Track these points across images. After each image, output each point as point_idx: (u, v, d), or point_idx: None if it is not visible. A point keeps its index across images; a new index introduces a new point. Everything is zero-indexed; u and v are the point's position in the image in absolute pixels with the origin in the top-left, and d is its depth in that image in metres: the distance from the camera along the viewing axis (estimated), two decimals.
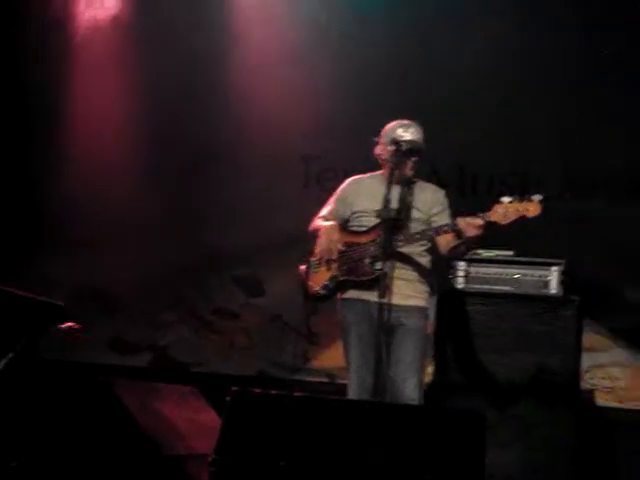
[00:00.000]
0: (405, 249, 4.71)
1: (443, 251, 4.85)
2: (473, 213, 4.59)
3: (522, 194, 4.48)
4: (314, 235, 4.92)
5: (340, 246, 4.80)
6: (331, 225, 4.86)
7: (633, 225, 6.30)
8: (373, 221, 4.74)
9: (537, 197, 4.42)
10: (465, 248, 4.81)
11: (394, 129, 4.84)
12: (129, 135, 7.39)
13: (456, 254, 4.91)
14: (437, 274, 5.10)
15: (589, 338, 5.98)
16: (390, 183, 4.61)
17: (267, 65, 7.07)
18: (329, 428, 3.88)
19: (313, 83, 6.95)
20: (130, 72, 7.42)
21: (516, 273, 5.52)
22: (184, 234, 7.21)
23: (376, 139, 4.91)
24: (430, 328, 5.10)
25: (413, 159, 4.76)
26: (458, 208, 4.88)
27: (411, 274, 4.81)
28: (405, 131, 4.80)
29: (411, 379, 4.69)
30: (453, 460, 3.70)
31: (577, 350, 5.35)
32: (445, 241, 4.78)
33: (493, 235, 4.77)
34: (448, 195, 5.01)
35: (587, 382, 6.19)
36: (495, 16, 6.54)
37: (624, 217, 6.37)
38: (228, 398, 4.05)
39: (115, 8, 7.47)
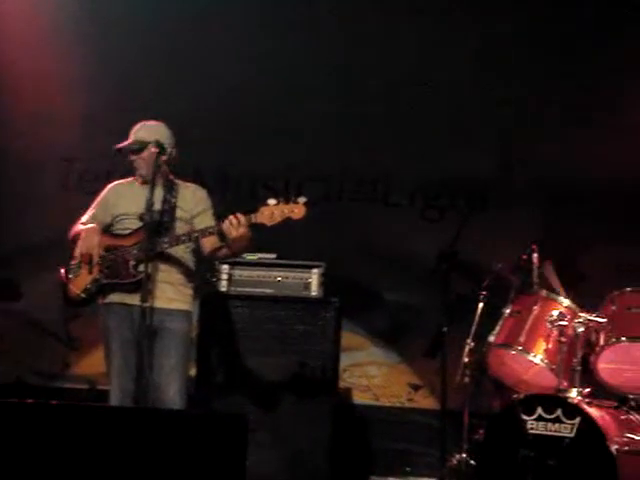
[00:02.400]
0: (169, 251, 4.69)
1: (207, 252, 4.85)
2: (243, 213, 4.63)
3: (287, 197, 4.57)
4: (75, 240, 4.80)
5: (101, 250, 4.72)
6: (91, 227, 4.77)
7: (391, 228, 6.58)
8: (136, 224, 4.68)
9: (302, 199, 4.52)
10: (231, 250, 4.82)
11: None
12: None
13: (221, 256, 4.91)
14: (201, 277, 5.12)
15: (347, 338, 6.18)
16: (153, 184, 4.57)
17: (28, 63, 6.82)
18: (90, 436, 3.78)
19: (76, 84, 6.78)
20: None
21: (278, 276, 5.63)
22: None
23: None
24: (194, 331, 5.10)
25: (133, 157, 4.77)
26: (222, 211, 4.90)
27: (175, 277, 4.78)
28: (134, 131, 4.82)
29: (173, 384, 4.67)
30: (215, 464, 3.72)
31: (336, 350, 5.53)
32: (210, 243, 4.79)
33: (256, 239, 4.83)
34: (212, 198, 5.02)
35: (345, 381, 6.41)
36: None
37: (382, 221, 6.65)
38: None
39: None
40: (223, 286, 5.60)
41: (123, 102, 6.57)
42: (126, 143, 4.79)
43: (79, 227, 4.83)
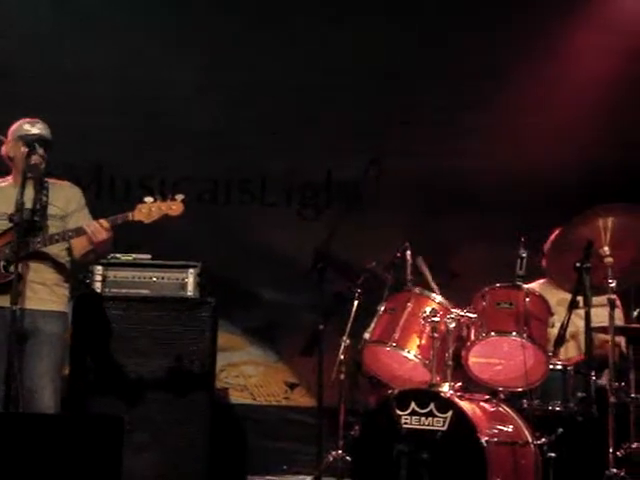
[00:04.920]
0: (44, 250, 4.60)
1: (77, 255, 4.77)
2: (117, 212, 4.59)
3: (164, 194, 4.56)
4: None
5: None
6: None
7: (267, 228, 6.61)
8: (7, 225, 4.56)
9: (180, 197, 4.54)
10: (96, 254, 4.78)
11: (20, 126, 4.76)
12: None
13: (90, 260, 4.87)
14: (75, 277, 5.04)
15: (224, 338, 6.17)
16: (23, 184, 4.48)
17: None
18: None
19: None
20: None
21: (154, 276, 5.58)
22: None
23: (2, 139, 4.79)
24: (68, 333, 5.01)
25: (40, 152, 4.66)
26: (96, 210, 4.84)
27: (49, 277, 4.69)
28: (32, 126, 4.74)
29: (47, 387, 4.57)
30: (90, 467, 3.67)
31: (213, 350, 5.51)
32: (81, 244, 4.71)
33: (130, 238, 4.78)
34: (86, 197, 4.95)
35: (222, 381, 6.40)
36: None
37: (259, 220, 6.67)
38: None
39: None
40: (97, 287, 5.51)
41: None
42: (34, 136, 4.67)
43: None
